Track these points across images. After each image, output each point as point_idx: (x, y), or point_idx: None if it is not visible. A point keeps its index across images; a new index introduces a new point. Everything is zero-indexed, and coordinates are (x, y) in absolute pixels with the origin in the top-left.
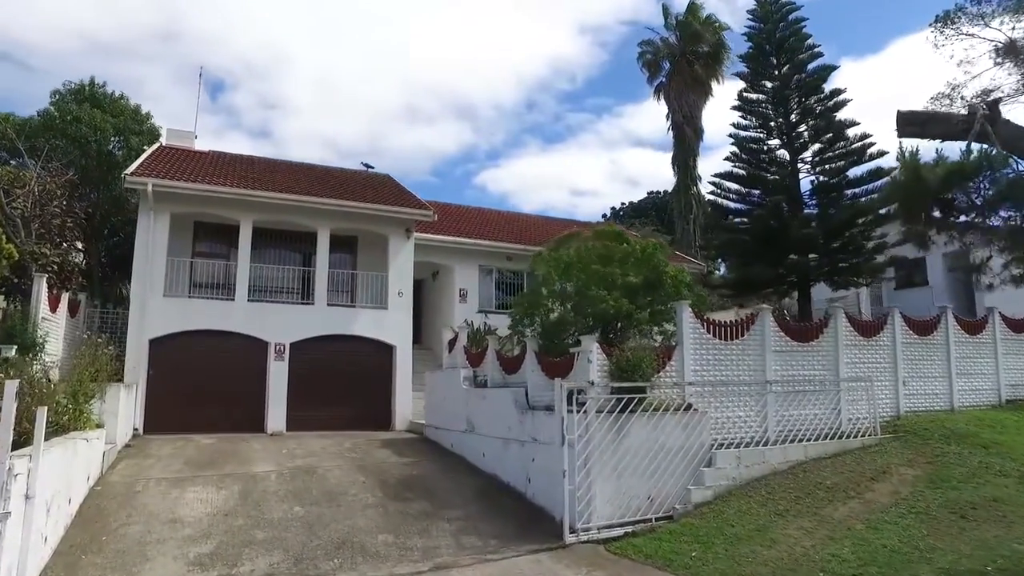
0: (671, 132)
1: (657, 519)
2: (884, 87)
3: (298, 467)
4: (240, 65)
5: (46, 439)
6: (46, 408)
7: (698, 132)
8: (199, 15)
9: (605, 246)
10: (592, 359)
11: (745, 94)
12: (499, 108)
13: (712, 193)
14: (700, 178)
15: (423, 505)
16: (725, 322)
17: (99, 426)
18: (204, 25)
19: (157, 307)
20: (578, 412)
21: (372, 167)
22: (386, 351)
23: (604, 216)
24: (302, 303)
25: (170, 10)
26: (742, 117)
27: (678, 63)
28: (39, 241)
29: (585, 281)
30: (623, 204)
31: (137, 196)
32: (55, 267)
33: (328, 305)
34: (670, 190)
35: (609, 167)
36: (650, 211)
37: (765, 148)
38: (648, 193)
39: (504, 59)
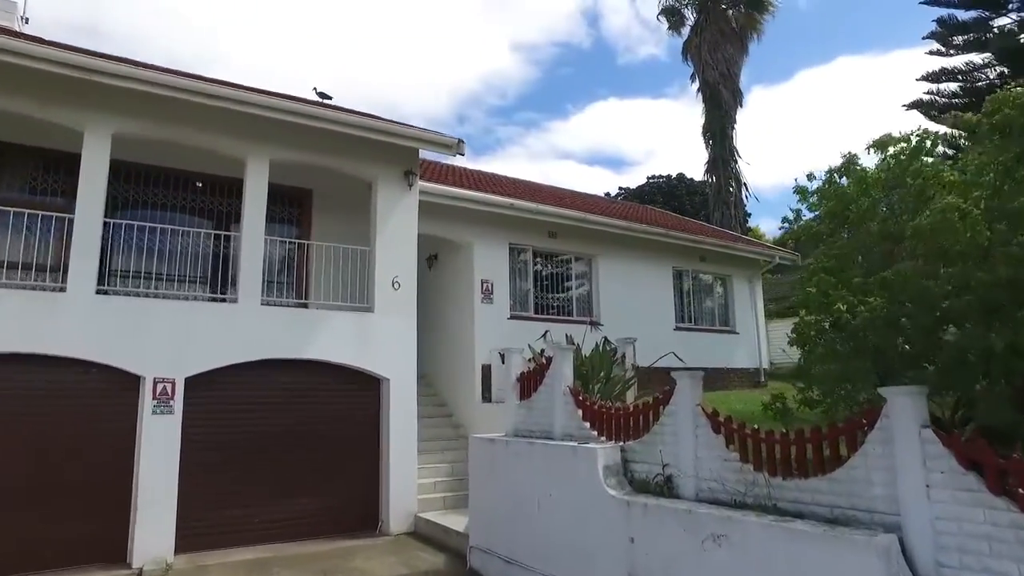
0: (700, 96)
1: None
2: None
3: None
4: (167, 63)
5: None
6: None
7: (736, 95)
8: (120, 15)
9: None
10: None
11: None
12: (431, 121)
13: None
14: (740, 154)
15: None
16: None
17: None
18: (130, 22)
19: None
20: None
21: (329, 97)
22: (370, 388)
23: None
24: (211, 299)
25: (87, 7)
26: None
27: (709, 11)
28: None
29: None
30: (620, 190)
31: None
32: None
33: (263, 304)
34: (670, 175)
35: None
36: (656, 197)
37: None
38: (648, 178)
39: (438, 74)
